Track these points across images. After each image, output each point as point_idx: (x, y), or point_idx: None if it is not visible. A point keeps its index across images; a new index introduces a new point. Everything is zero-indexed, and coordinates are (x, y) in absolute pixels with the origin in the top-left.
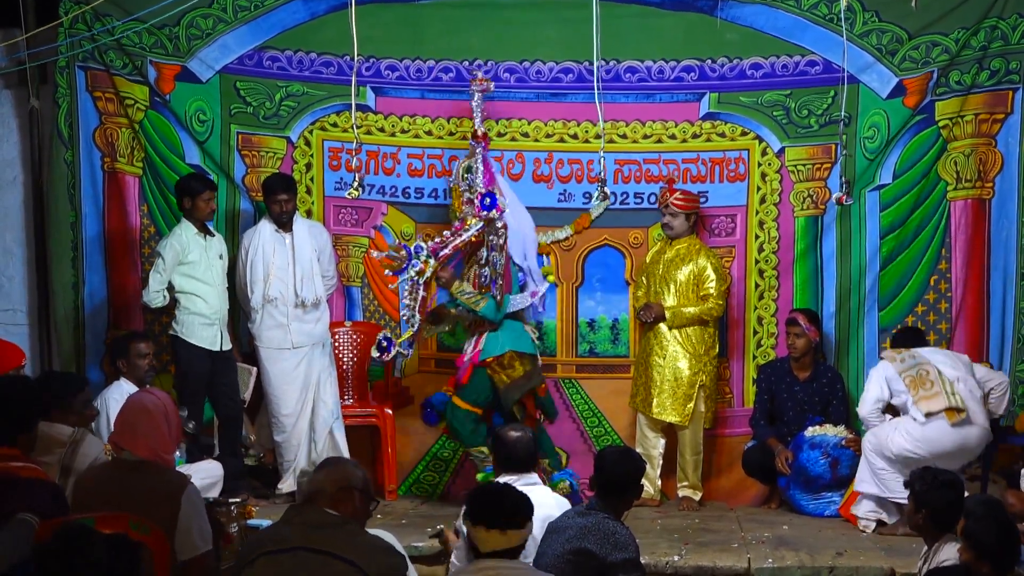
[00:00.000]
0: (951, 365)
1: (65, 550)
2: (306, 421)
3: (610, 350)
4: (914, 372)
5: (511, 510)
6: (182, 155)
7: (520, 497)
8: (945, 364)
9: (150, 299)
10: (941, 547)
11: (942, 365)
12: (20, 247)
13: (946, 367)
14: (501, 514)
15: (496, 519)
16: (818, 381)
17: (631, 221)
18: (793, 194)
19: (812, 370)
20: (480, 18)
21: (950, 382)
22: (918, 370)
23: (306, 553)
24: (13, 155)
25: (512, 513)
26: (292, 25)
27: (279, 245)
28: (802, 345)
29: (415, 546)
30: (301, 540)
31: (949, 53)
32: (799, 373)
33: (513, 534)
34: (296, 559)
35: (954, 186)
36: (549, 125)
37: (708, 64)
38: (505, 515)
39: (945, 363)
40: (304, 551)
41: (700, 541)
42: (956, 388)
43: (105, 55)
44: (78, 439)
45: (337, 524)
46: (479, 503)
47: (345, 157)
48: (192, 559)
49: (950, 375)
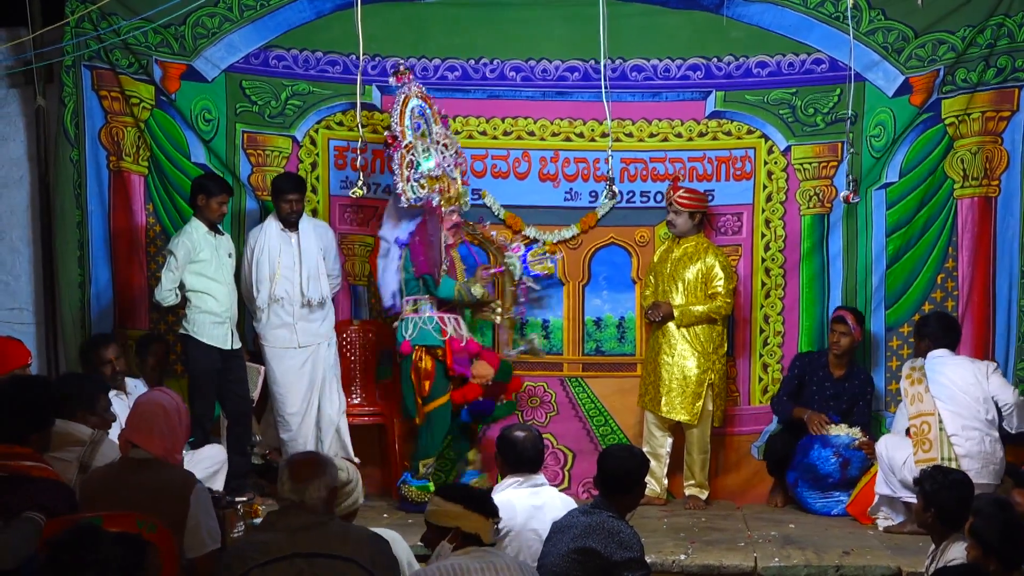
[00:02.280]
0: (957, 408)
1: (74, 549)
2: (312, 420)
3: (616, 349)
4: (918, 422)
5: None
6: (188, 154)
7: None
8: (951, 405)
9: (163, 297)
10: (949, 546)
11: (947, 407)
12: (26, 246)
13: (950, 413)
14: (495, 505)
15: (495, 509)
16: (850, 381)
17: (637, 220)
18: (799, 192)
19: (847, 369)
20: (485, 17)
21: (948, 439)
22: (922, 421)
23: (302, 559)
24: (19, 154)
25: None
26: (298, 24)
27: (285, 244)
28: (846, 344)
29: (420, 545)
30: (292, 546)
31: (955, 51)
32: (834, 370)
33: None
34: (293, 567)
35: (960, 184)
36: (555, 124)
37: (714, 62)
38: (496, 507)
39: (952, 403)
40: (300, 557)
41: (706, 540)
42: (953, 445)
43: (111, 54)
44: (98, 440)
45: (323, 523)
46: (482, 495)
47: (350, 156)
48: (200, 557)
49: (951, 427)
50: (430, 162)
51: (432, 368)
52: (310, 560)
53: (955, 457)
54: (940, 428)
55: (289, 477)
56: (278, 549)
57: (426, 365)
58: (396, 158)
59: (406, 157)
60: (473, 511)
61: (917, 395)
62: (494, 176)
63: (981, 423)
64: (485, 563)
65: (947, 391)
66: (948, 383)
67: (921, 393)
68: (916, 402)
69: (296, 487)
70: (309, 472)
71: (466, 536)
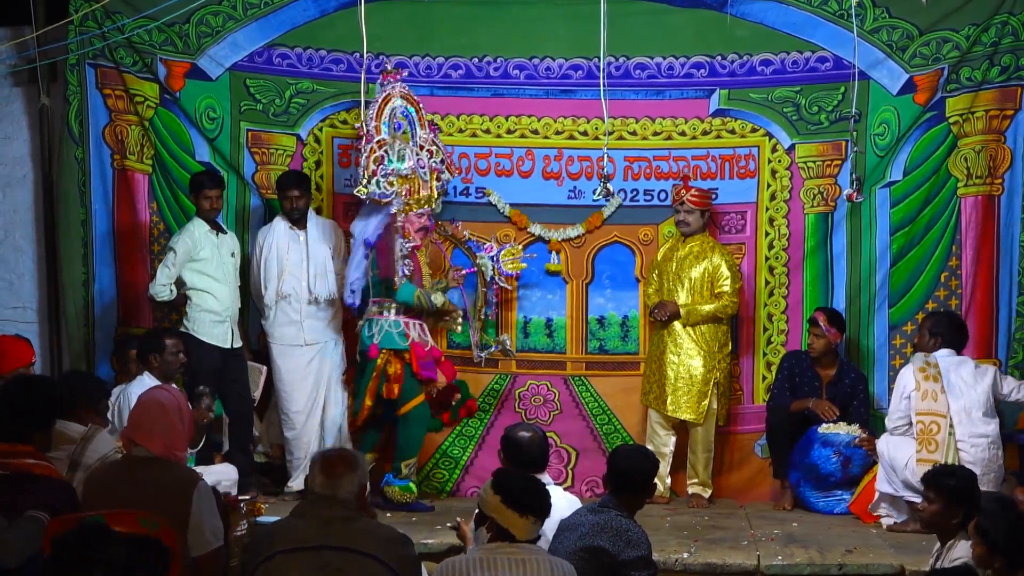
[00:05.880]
0: (969, 414)
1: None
2: (317, 418)
3: (620, 347)
4: (927, 420)
5: (546, 502)
6: (192, 152)
7: (548, 491)
8: (963, 411)
9: (156, 292)
10: (955, 544)
11: (960, 412)
12: (30, 244)
13: (961, 419)
14: (543, 504)
15: (534, 507)
16: (842, 381)
17: (641, 218)
18: (803, 191)
19: (836, 370)
20: (489, 15)
21: (956, 444)
22: (931, 420)
23: (329, 552)
24: (23, 152)
25: (547, 505)
26: (302, 22)
27: (293, 242)
28: (820, 346)
29: (425, 544)
30: (321, 538)
31: (960, 49)
32: (821, 371)
33: (539, 525)
34: (320, 558)
35: (964, 182)
36: (559, 122)
37: (718, 60)
38: (544, 505)
39: (964, 409)
40: (327, 549)
41: (710, 538)
42: (960, 451)
43: (115, 52)
44: (90, 436)
45: (353, 519)
46: (525, 492)
47: (354, 154)
48: (204, 555)
49: (961, 432)
50: (402, 164)
51: (401, 371)
52: (338, 553)
53: (958, 463)
54: (950, 432)
55: (321, 471)
56: (306, 538)
57: (395, 369)
58: (365, 151)
59: (376, 152)
60: (508, 506)
61: (932, 392)
62: (497, 174)
63: (988, 430)
64: (515, 561)
65: (961, 395)
66: (963, 387)
67: (936, 392)
68: (928, 399)
69: (328, 482)
70: (342, 467)
71: (500, 529)
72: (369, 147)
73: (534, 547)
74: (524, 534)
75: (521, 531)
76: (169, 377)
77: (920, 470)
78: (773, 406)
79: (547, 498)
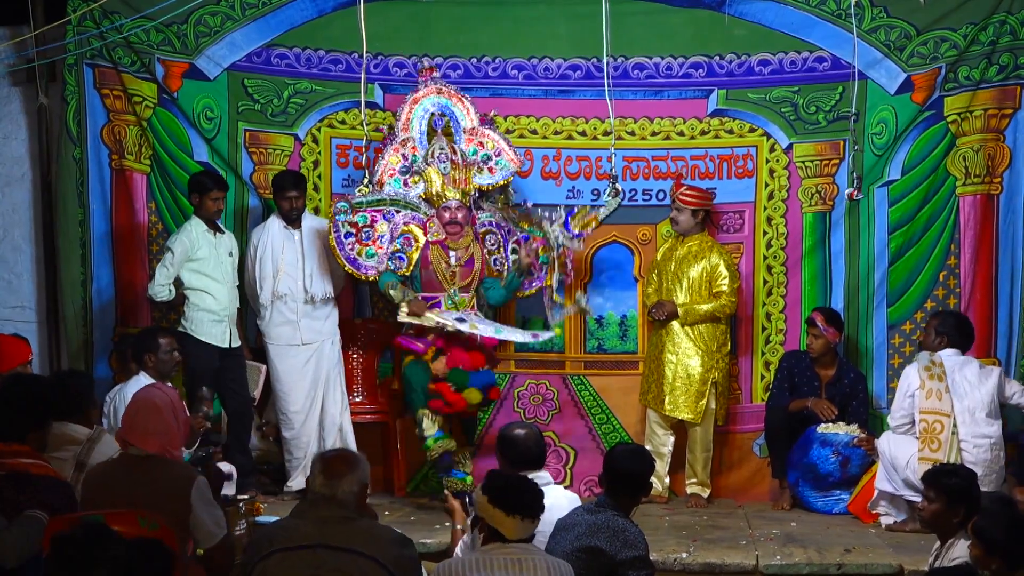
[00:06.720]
0: (973, 415)
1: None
2: (315, 419)
3: (618, 346)
4: (930, 419)
5: (536, 501)
6: (190, 152)
7: (539, 490)
8: (967, 412)
9: (155, 292)
10: (955, 543)
11: (965, 413)
12: (28, 244)
13: (965, 420)
14: (531, 502)
15: (521, 506)
16: (840, 382)
17: (640, 218)
18: (801, 190)
19: (835, 370)
20: (488, 15)
21: (959, 445)
22: (935, 419)
23: (326, 551)
24: (21, 152)
25: (536, 504)
26: (300, 22)
27: (288, 242)
28: (819, 346)
29: (423, 543)
30: (319, 537)
31: (957, 48)
32: (820, 371)
33: (531, 524)
34: (317, 557)
35: (963, 182)
36: (558, 122)
37: (716, 60)
38: (533, 504)
39: (969, 410)
40: (324, 548)
41: (708, 538)
42: (963, 451)
43: (113, 52)
44: (95, 437)
45: (351, 519)
46: (511, 490)
47: (353, 154)
48: (214, 546)
49: (964, 433)
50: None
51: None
52: (334, 553)
53: (960, 463)
54: (953, 432)
55: (321, 472)
56: (304, 537)
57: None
58: (387, 151)
59: (399, 151)
60: (495, 506)
61: (936, 391)
62: None
63: (991, 431)
64: (511, 561)
65: (966, 395)
66: (968, 387)
67: (941, 391)
68: (933, 398)
69: (328, 482)
70: (342, 468)
71: (491, 530)
72: (391, 147)
73: (531, 547)
74: (513, 534)
75: (510, 531)
76: (165, 376)
77: (921, 468)
78: (772, 406)
79: (538, 497)
